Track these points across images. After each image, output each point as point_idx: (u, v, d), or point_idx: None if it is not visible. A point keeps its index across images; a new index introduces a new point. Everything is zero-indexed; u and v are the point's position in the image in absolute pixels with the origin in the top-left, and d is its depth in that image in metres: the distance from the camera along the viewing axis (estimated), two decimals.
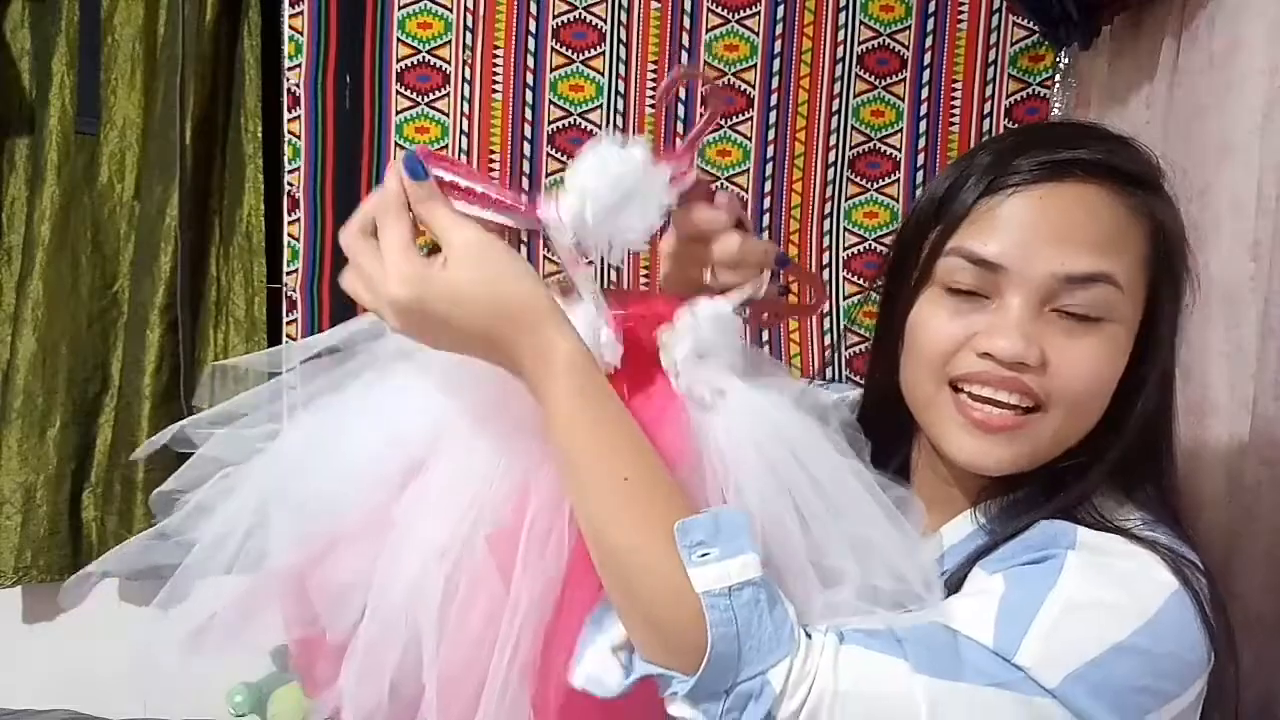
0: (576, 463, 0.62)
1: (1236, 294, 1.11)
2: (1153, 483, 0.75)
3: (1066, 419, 0.71)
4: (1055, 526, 0.70)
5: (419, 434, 0.68)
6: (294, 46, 1.68)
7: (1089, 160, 0.71)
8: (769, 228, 1.73)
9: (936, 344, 0.73)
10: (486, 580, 0.64)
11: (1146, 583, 0.65)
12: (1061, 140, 0.74)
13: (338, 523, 0.70)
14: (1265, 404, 1.05)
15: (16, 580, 1.74)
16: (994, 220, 0.71)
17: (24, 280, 1.73)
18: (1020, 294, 0.69)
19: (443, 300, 0.61)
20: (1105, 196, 0.71)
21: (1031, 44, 1.67)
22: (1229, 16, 1.18)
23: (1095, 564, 0.66)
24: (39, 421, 1.74)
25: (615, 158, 0.63)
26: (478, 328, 0.62)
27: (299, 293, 1.73)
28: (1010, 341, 0.68)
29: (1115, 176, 0.71)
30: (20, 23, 1.74)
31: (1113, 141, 0.75)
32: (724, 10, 1.68)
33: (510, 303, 0.62)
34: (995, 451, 0.71)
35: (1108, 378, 0.71)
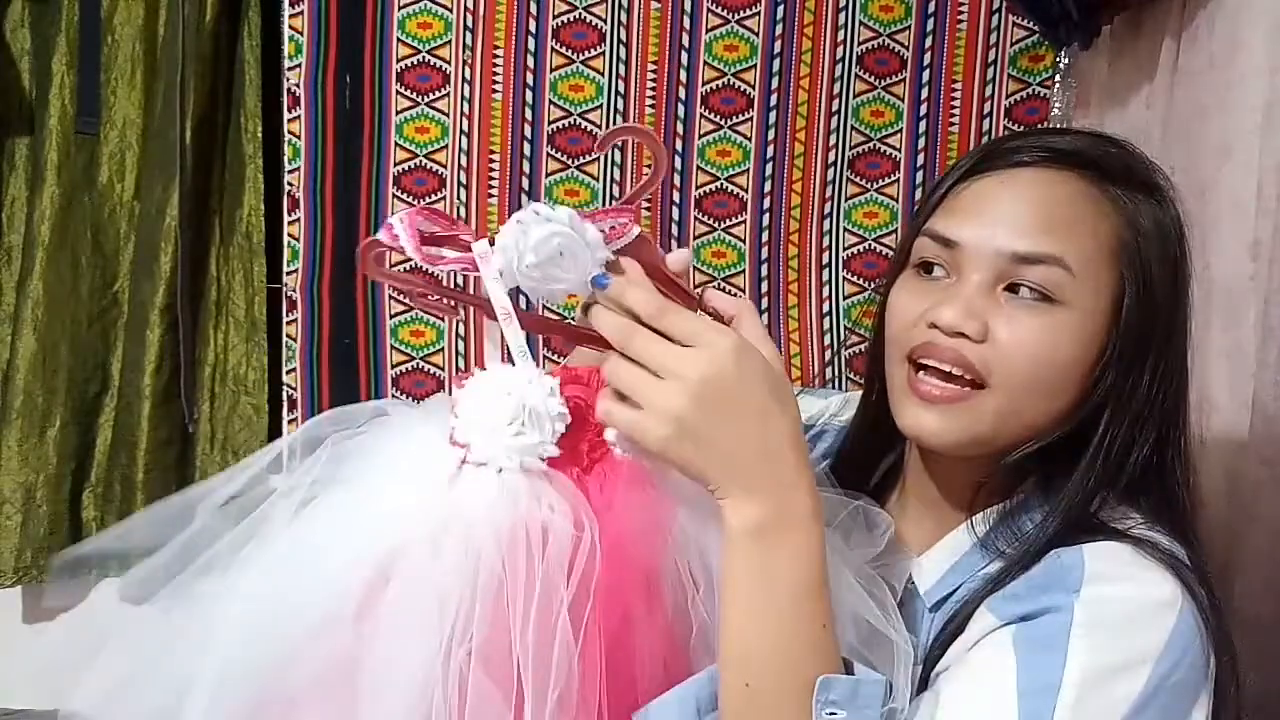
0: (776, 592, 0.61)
1: (1236, 294, 1.11)
2: (1156, 486, 0.75)
3: (1008, 398, 0.71)
4: (1062, 562, 0.70)
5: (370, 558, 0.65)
6: (294, 46, 1.68)
7: (1061, 149, 0.74)
8: (769, 228, 1.73)
9: (900, 316, 0.76)
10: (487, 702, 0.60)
11: (1152, 611, 0.66)
12: (1044, 133, 0.78)
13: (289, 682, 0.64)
14: (1265, 404, 1.05)
15: (16, 580, 1.74)
16: (960, 202, 0.75)
17: (24, 280, 1.73)
18: (974, 271, 0.72)
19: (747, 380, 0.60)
20: (1069, 182, 0.73)
21: (1031, 44, 1.67)
22: (1229, 16, 1.18)
23: (1101, 615, 0.66)
24: (39, 421, 1.74)
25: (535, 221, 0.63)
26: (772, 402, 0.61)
27: (299, 293, 1.73)
28: (953, 312, 0.71)
29: (1085, 166, 0.73)
30: (20, 23, 1.74)
31: (1098, 138, 0.77)
32: (724, 10, 1.68)
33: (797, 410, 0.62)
34: (936, 423, 0.73)
35: (1051, 360, 0.71)
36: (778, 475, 0.61)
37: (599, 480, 0.67)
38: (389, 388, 1.76)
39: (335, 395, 1.76)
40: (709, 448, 0.60)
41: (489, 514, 0.63)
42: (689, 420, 0.59)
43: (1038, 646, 0.66)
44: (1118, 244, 0.73)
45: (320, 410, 1.75)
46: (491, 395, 0.65)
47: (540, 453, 0.64)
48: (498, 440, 0.64)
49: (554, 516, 0.63)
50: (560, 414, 0.65)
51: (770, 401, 0.60)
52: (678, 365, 0.59)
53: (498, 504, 0.63)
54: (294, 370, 1.75)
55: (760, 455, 0.60)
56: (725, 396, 0.59)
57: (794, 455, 0.61)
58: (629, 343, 0.61)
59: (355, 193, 1.72)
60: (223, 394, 1.82)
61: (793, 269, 1.74)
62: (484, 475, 0.64)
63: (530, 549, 0.62)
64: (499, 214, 1.72)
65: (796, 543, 0.61)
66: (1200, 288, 1.16)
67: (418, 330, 1.75)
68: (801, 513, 0.62)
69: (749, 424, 0.60)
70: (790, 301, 1.74)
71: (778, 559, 0.61)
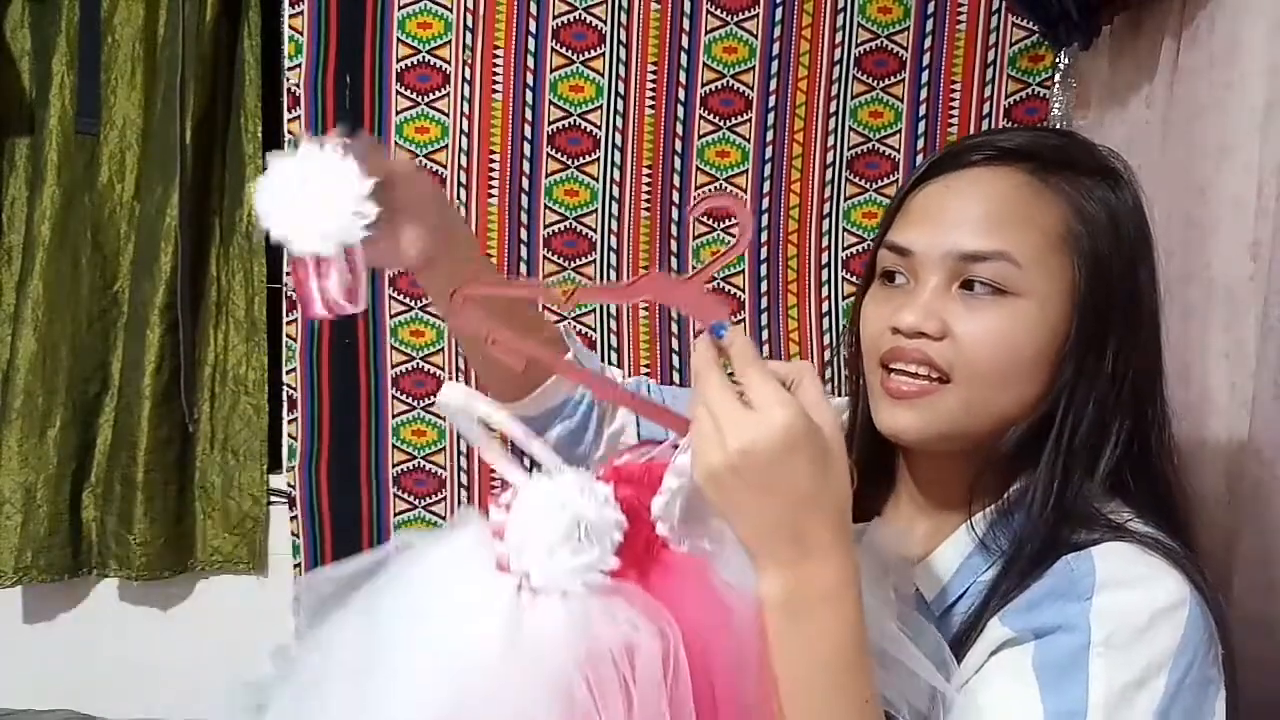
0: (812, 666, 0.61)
1: (1236, 294, 1.11)
2: (1144, 480, 0.75)
3: (974, 389, 0.73)
4: (1071, 570, 0.70)
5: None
6: (294, 46, 1.68)
7: (1000, 146, 0.77)
8: (768, 228, 1.73)
9: (869, 328, 0.78)
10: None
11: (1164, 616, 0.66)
12: (987, 134, 0.81)
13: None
14: (1265, 404, 1.05)
15: (16, 580, 1.75)
16: (911, 210, 0.78)
17: (24, 280, 1.73)
18: (930, 274, 0.75)
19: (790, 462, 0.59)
20: (1008, 177, 0.75)
21: (1031, 44, 1.67)
22: (1229, 16, 1.18)
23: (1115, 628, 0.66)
24: (39, 421, 1.74)
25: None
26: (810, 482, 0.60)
27: None
28: (912, 314, 0.74)
29: (1024, 159, 0.76)
30: (20, 23, 1.74)
31: (1041, 132, 0.82)
32: (723, 12, 1.68)
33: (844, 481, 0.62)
34: (905, 417, 0.75)
35: (1012, 348, 0.73)
36: (806, 552, 0.60)
37: (660, 577, 0.64)
38: (389, 387, 1.76)
39: (335, 395, 1.76)
40: (738, 512, 0.61)
41: (565, 645, 0.59)
42: (721, 481, 0.60)
43: (1059, 672, 0.66)
44: (1065, 231, 0.74)
45: (320, 410, 1.76)
46: (542, 513, 0.61)
47: (602, 566, 0.61)
48: (557, 563, 0.60)
49: (637, 634, 0.60)
50: (618, 522, 0.62)
51: (810, 482, 0.60)
52: (728, 424, 0.59)
53: (572, 633, 0.59)
54: (294, 370, 1.75)
55: (791, 533, 0.60)
56: (760, 471, 0.59)
57: (829, 532, 0.60)
58: (701, 380, 0.62)
59: None
60: (223, 394, 1.83)
61: (792, 269, 1.74)
62: (548, 603, 0.61)
63: (620, 674, 0.59)
64: (499, 214, 1.72)
65: (827, 617, 0.61)
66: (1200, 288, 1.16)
67: (418, 330, 1.75)
68: (831, 587, 0.61)
69: (780, 500, 0.59)
70: (789, 301, 1.74)
71: (809, 632, 0.61)
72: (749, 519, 0.60)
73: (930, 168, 0.79)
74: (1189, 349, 1.17)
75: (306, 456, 1.77)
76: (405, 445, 1.78)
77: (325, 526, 1.79)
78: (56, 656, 1.85)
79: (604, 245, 1.73)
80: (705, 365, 0.63)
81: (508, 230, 1.72)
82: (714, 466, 0.59)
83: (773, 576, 0.61)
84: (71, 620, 1.85)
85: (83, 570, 1.81)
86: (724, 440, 0.59)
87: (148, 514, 1.76)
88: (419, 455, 1.78)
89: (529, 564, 0.61)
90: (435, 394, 1.76)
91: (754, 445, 0.58)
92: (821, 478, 0.60)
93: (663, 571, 0.64)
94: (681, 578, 0.64)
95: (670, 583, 0.63)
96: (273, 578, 1.86)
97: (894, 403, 0.75)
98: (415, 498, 1.79)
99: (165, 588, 1.83)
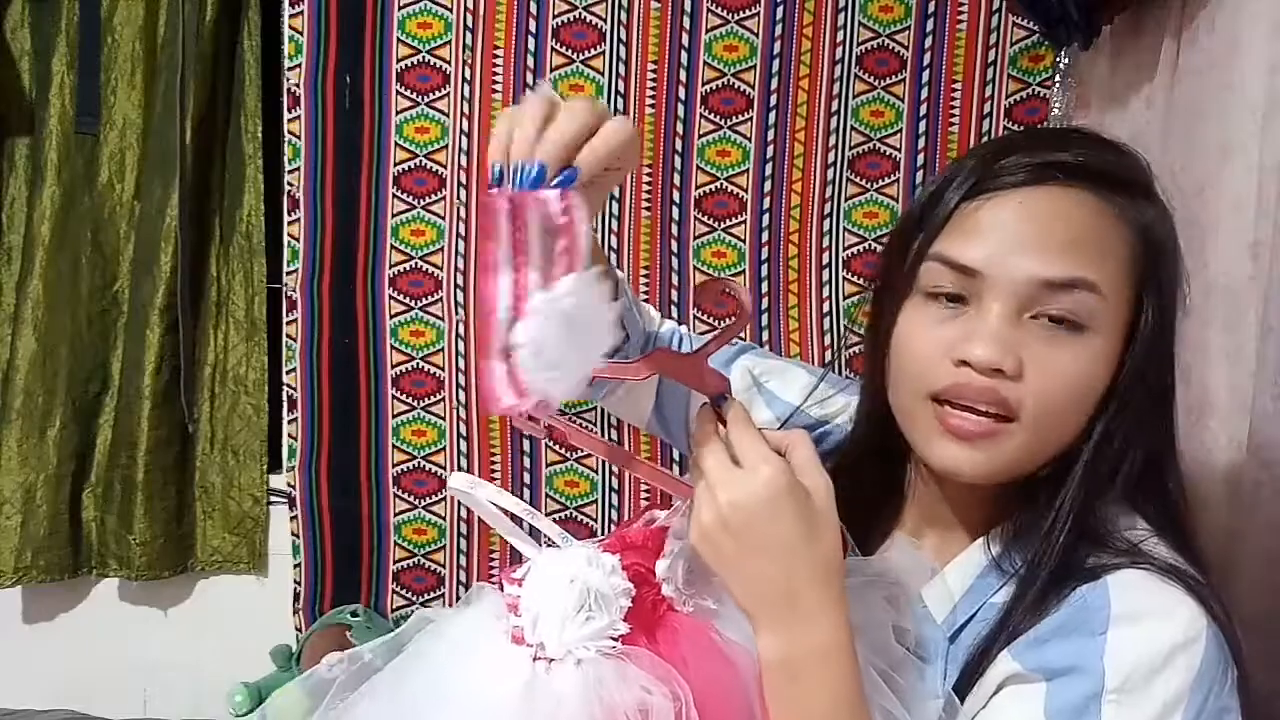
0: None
1: (1236, 294, 1.11)
2: (1157, 495, 0.74)
3: (1040, 429, 0.69)
4: (1086, 602, 0.68)
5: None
6: (294, 46, 1.68)
7: (1070, 163, 0.70)
8: (769, 228, 1.73)
9: (917, 353, 0.71)
10: None
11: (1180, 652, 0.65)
12: (1044, 143, 0.73)
13: None
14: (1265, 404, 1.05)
15: (16, 580, 1.75)
16: (973, 225, 0.70)
17: (24, 280, 1.73)
18: (998, 300, 0.68)
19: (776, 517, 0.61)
20: (1085, 200, 0.69)
21: (1031, 44, 1.67)
22: (1229, 16, 1.17)
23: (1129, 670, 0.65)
24: (39, 421, 1.74)
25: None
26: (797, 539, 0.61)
27: (299, 293, 1.73)
28: (986, 349, 0.67)
29: (1096, 180, 0.70)
30: (20, 23, 1.75)
31: (1097, 145, 0.74)
32: (723, 11, 1.68)
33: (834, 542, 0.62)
34: (971, 458, 0.70)
35: (1085, 388, 0.69)
36: (799, 612, 0.61)
37: (667, 638, 0.66)
38: (389, 388, 1.76)
39: (335, 395, 1.76)
40: (732, 568, 0.62)
41: (581, 708, 0.61)
42: (714, 535, 0.62)
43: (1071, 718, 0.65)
44: (1131, 257, 0.70)
45: (320, 410, 1.76)
46: (554, 586, 0.64)
47: (611, 632, 0.64)
48: (569, 632, 0.63)
49: (649, 696, 0.62)
50: (625, 589, 0.65)
51: (797, 540, 0.61)
52: (717, 481, 0.61)
53: (587, 697, 0.62)
54: (294, 370, 1.75)
55: (782, 592, 0.61)
56: (749, 527, 0.60)
57: (818, 592, 0.62)
58: (699, 446, 0.64)
59: (355, 193, 1.72)
60: (223, 394, 1.83)
61: (792, 269, 1.74)
62: (564, 670, 0.63)
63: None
64: None
65: (822, 676, 0.62)
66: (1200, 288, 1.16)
67: (418, 330, 1.75)
68: (825, 646, 0.62)
69: (770, 559, 0.61)
70: (790, 301, 1.74)
71: (805, 690, 0.62)
72: (741, 577, 0.62)
73: (983, 178, 0.71)
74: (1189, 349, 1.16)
75: (306, 456, 1.77)
76: (405, 445, 1.78)
77: (325, 526, 1.79)
78: (56, 656, 1.85)
79: (604, 245, 1.73)
80: (704, 434, 0.65)
81: None
82: (705, 523, 0.61)
83: (768, 636, 0.62)
84: (71, 620, 1.86)
85: (83, 570, 1.81)
86: (714, 496, 0.61)
87: (148, 514, 1.76)
88: (419, 455, 1.78)
89: (543, 635, 0.64)
90: (435, 394, 1.76)
91: (740, 500, 0.60)
92: (808, 536, 0.61)
93: (669, 633, 0.66)
94: (687, 637, 0.66)
95: (677, 643, 0.66)
96: (272, 578, 1.86)
97: (953, 440, 0.70)
98: (415, 498, 1.79)
99: (165, 588, 1.83)
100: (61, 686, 1.81)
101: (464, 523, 1.80)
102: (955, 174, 0.73)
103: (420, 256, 1.74)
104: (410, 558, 1.81)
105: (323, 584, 1.81)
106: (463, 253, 1.73)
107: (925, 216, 0.73)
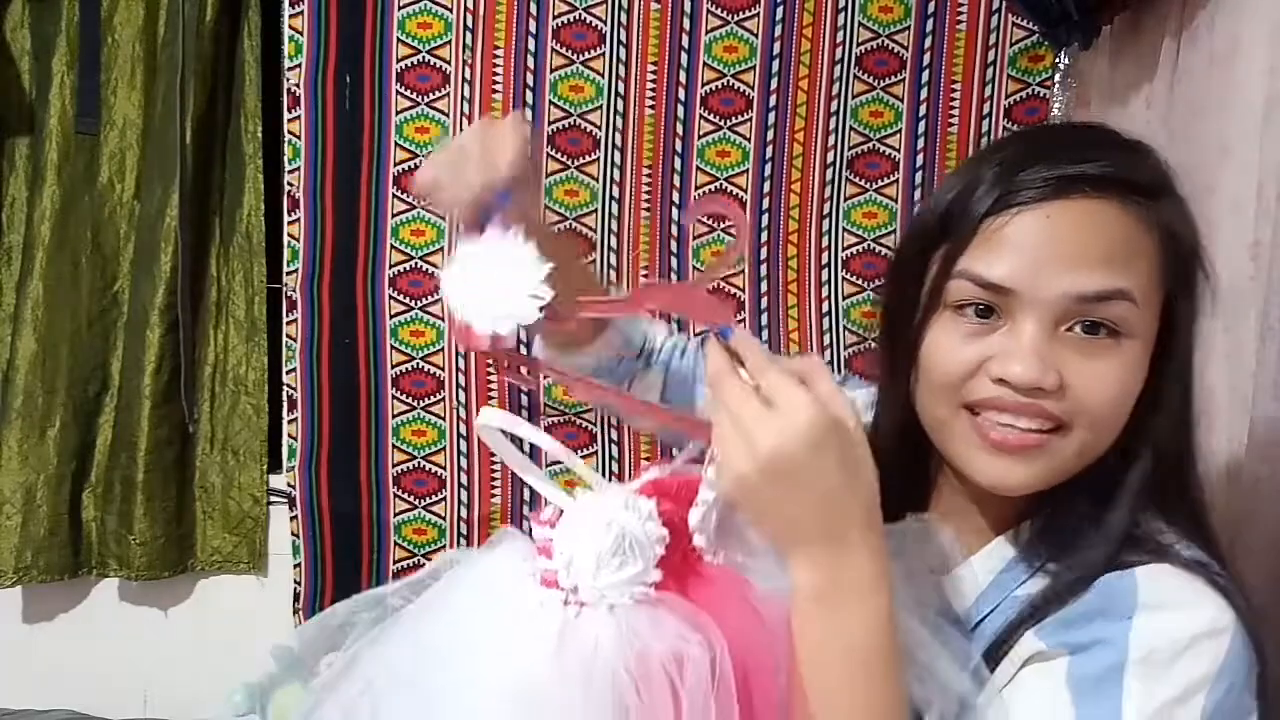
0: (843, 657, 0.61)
1: (1236, 294, 1.11)
2: (1181, 496, 0.74)
3: (1088, 436, 0.69)
4: (1113, 589, 0.68)
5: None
6: (294, 46, 1.68)
7: (1096, 174, 0.69)
8: (768, 228, 1.73)
9: (950, 370, 0.71)
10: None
11: (1204, 640, 0.65)
12: (1067, 151, 0.72)
13: None
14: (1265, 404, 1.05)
15: (16, 580, 1.75)
16: (1001, 241, 0.69)
17: (24, 280, 1.73)
18: (1033, 316, 0.68)
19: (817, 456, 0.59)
20: (1114, 210, 0.69)
21: (1031, 44, 1.68)
22: (1229, 16, 1.18)
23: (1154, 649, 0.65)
24: (39, 421, 1.74)
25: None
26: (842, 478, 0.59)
27: (299, 293, 1.73)
28: (1025, 367, 0.67)
29: (1123, 189, 0.69)
30: (20, 23, 1.74)
31: (1120, 150, 0.73)
32: (723, 11, 1.68)
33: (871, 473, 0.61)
34: (1017, 471, 0.70)
35: (1128, 394, 0.69)
36: (839, 544, 0.60)
37: (698, 589, 0.65)
38: (389, 388, 1.76)
39: (335, 395, 1.76)
40: (769, 512, 0.60)
41: (615, 655, 0.60)
42: (751, 484, 0.59)
43: (1093, 689, 0.65)
44: (1161, 260, 0.70)
45: (320, 410, 1.76)
46: (590, 528, 0.63)
47: (645, 580, 0.63)
48: (604, 577, 0.62)
49: (684, 644, 0.61)
50: (660, 536, 0.63)
51: (838, 476, 0.59)
52: (752, 427, 0.59)
53: (621, 643, 0.61)
54: (294, 370, 1.75)
55: (821, 527, 0.60)
56: (790, 472, 0.58)
57: (859, 525, 0.60)
58: (718, 386, 0.61)
59: (355, 193, 1.72)
60: (223, 394, 1.83)
61: (792, 269, 1.74)
62: (597, 616, 0.62)
63: (673, 684, 0.59)
64: None
65: (860, 608, 0.60)
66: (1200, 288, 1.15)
67: (418, 330, 1.75)
68: (863, 580, 0.60)
69: (811, 497, 0.59)
70: (789, 301, 1.74)
71: (841, 623, 0.60)
72: (780, 520, 0.60)
73: (1007, 191, 0.70)
74: None
75: (306, 456, 1.77)
76: (405, 445, 1.78)
77: (325, 526, 1.79)
78: (56, 656, 1.85)
79: (604, 245, 1.73)
80: (721, 371, 0.62)
81: None
82: (744, 472, 0.59)
83: (806, 571, 0.60)
84: (71, 620, 1.85)
85: (83, 570, 1.81)
86: (752, 445, 0.58)
87: (148, 514, 1.76)
88: (419, 455, 1.78)
89: (577, 578, 0.62)
90: (435, 394, 1.76)
91: (782, 446, 0.58)
92: (850, 472, 0.59)
93: (700, 584, 0.65)
94: (718, 589, 0.65)
95: (708, 594, 0.64)
96: (272, 578, 1.86)
97: (997, 453, 0.70)
98: (415, 498, 1.79)
99: (165, 588, 1.83)
100: (61, 686, 1.81)
101: (464, 523, 1.80)
102: (974, 184, 0.71)
103: (420, 256, 1.74)
104: (410, 558, 1.81)
105: (323, 584, 1.81)
106: None
107: (947, 227, 0.72)
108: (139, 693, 1.86)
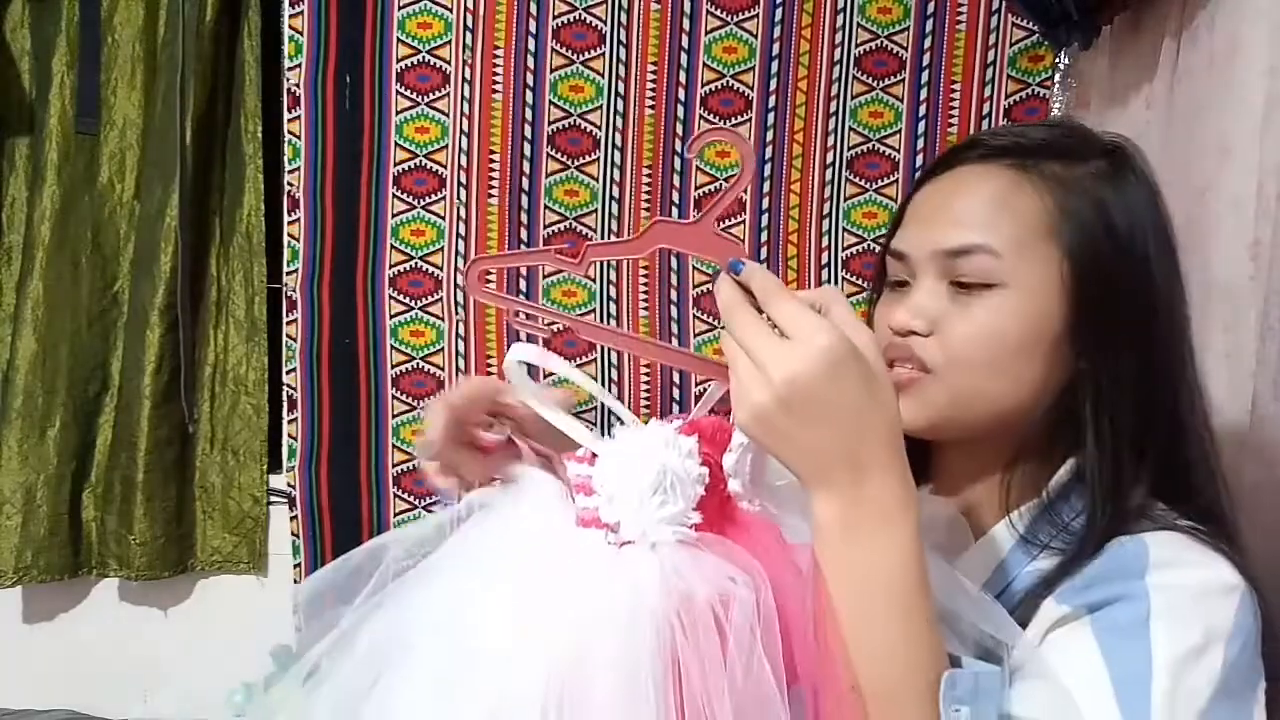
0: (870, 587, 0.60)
1: (1236, 294, 1.11)
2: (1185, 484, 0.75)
3: (959, 378, 0.74)
4: (1125, 551, 0.70)
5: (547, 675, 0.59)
6: (294, 46, 1.68)
7: (987, 144, 0.78)
8: (768, 228, 1.73)
9: (878, 334, 0.75)
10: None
11: (1219, 592, 0.67)
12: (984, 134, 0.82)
13: None
14: (1265, 404, 1.05)
15: (16, 580, 1.75)
16: (908, 216, 0.81)
17: (24, 280, 1.73)
18: (922, 274, 0.77)
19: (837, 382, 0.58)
20: (990, 172, 0.76)
21: (1031, 44, 1.68)
22: (1229, 16, 1.18)
23: (1173, 599, 0.66)
24: (39, 421, 1.74)
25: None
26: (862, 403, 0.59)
27: (299, 293, 1.73)
28: (901, 313, 0.76)
29: (1008, 153, 0.76)
30: (20, 23, 1.75)
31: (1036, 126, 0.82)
32: (723, 12, 1.68)
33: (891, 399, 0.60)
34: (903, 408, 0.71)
35: (1001, 338, 0.73)
36: (862, 471, 0.59)
37: (734, 533, 0.64)
38: (389, 388, 1.76)
39: (335, 395, 1.76)
40: (790, 443, 0.59)
41: (660, 594, 0.59)
42: (770, 415, 0.58)
43: (1121, 635, 0.66)
44: (1049, 221, 0.74)
45: (320, 410, 1.76)
46: (631, 465, 0.61)
47: (685, 520, 0.61)
48: (646, 514, 0.60)
49: (730, 583, 0.59)
50: (700, 475, 0.62)
51: (859, 400, 0.58)
52: (768, 358, 0.58)
53: (665, 582, 0.59)
54: (294, 370, 1.75)
55: (844, 455, 0.59)
56: (810, 398, 0.57)
57: (883, 451, 0.59)
58: (730, 318, 0.61)
59: (355, 192, 1.72)
60: (223, 394, 1.83)
61: (791, 269, 1.74)
62: (640, 555, 0.61)
63: (719, 625, 0.58)
64: (498, 214, 1.72)
65: (884, 536, 0.59)
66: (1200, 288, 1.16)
67: (418, 330, 1.75)
68: (889, 506, 0.59)
69: (833, 426, 0.58)
70: None
71: (867, 552, 0.59)
72: (802, 451, 0.59)
73: (926, 173, 0.81)
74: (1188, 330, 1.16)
75: (306, 456, 1.77)
76: (405, 445, 1.78)
77: (325, 526, 1.79)
78: (56, 656, 1.85)
79: None
80: (733, 303, 0.61)
81: (507, 230, 1.72)
82: (761, 404, 0.58)
83: (831, 502, 0.59)
84: (71, 620, 1.85)
85: (83, 570, 1.81)
86: (768, 376, 0.57)
87: (148, 514, 1.76)
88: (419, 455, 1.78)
89: (619, 514, 0.61)
90: (435, 394, 1.76)
91: (799, 375, 0.57)
92: (870, 398, 0.58)
93: (736, 529, 0.64)
94: (754, 534, 0.63)
95: (745, 539, 0.63)
96: (272, 578, 1.86)
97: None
98: (415, 498, 1.79)
99: (165, 588, 1.83)
100: (61, 686, 1.81)
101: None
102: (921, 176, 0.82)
103: (420, 256, 1.74)
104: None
105: None
106: (462, 253, 1.73)
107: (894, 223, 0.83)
108: (139, 693, 1.86)
